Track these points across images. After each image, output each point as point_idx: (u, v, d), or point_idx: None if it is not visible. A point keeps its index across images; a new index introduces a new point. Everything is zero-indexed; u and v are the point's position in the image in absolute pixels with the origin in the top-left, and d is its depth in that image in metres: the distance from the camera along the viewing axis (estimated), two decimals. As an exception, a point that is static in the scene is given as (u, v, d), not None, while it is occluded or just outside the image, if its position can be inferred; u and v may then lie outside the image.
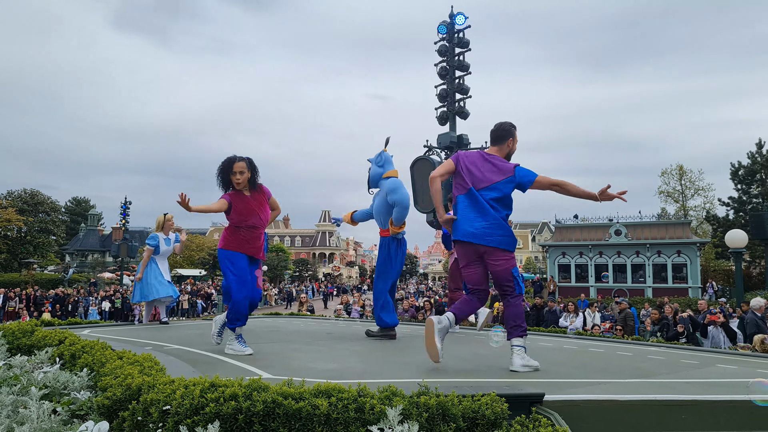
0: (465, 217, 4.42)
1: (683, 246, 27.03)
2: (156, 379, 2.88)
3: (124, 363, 3.41)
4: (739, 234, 13.25)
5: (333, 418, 2.51)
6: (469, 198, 4.44)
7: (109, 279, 38.20)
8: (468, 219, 4.40)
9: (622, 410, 3.03)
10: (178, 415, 2.51)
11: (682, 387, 3.66)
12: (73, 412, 3.14)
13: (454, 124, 14.90)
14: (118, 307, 25.52)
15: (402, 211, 6.40)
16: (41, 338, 4.91)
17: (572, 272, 29.82)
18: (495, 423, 2.62)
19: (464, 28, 14.77)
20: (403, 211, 6.40)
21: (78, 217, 66.98)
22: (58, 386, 3.56)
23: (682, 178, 42.72)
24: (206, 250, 52.04)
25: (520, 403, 2.86)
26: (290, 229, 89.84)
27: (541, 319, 14.36)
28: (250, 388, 2.64)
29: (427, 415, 2.59)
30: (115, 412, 2.80)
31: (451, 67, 14.90)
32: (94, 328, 7.56)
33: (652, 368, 4.59)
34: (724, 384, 3.96)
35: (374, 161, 6.68)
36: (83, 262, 58.12)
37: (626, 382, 3.87)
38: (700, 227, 38.95)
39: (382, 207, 6.54)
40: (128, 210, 35.63)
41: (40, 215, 46.95)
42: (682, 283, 26.91)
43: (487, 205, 4.37)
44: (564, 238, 30.58)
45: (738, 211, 34.08)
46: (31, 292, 26.24)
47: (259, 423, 2.49)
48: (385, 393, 2.70)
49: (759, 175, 34.07)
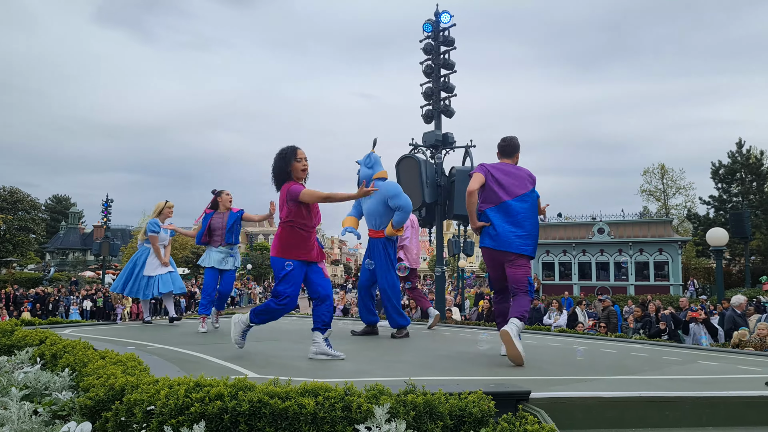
0: (501, 227, 4.70)
1: (665, 244, 27.38)
2: (140, 379, 2.84)
3: (107, 363, 3.36)
4: (720, 232, 13.44)
5: (320, 417, 2.50)
6: (501, 209, 4.73)
7: (91, 278, 37.75)
8: (504, 229, 4.69)
9: (607, 407, 3.05)
10: (162, 416, 2.47)
11: (665, 384, 3.70)
12: (54, 413, 3.09)
13: (439, 122, 14.89)
14: (99, 306, 25.22)
15: (405, 216, 6.47)
16: (21, 338, 4.83)
17: (556, 270, 30.06)
18: (482, 421, 2.62)
19: (449, 26, 14.77)
20: (405, 215, 6.47)
21: (58, 215, 66.10)
22: (39, 387, 3.50)
23: (663, 177, 43.27)
24: (189, 249, 51.62)
25: (507, 400, 2.87)
26: (275, 227, 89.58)
27: (525, 317, 14.44)
28: (235, 387, 2.62)
29: (414, 413, 2.58)
30: (97, 413, 2.76)
31: (437, 66, 14.90)
32: (75, 328, 7.46)
33: (636, 365, 4.64)
34: (706, 380, 4.02)
35: (363, 163, 6.67)
36: (64, 260, 57.35)
37: (611, 379, 3.91)
38: (681, 225, 39.48)
39: (379, 209, 6.52)
40: (110, 208, 35.23)
41: (20, 213, 46.17)
42: (663, 280, 27.26)
43: (521, 215, 4.70)
44: (548, 236, 30.80)
45: (718, 210, 34.56)
46: (10, 291, 25.82)
47: (245, 423, 2.47)
48: (372, 392, 2.69)
49: (739, 175, 34.55)
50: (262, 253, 60.02)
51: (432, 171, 12.48)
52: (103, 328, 7.53)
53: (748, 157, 34.23)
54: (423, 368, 4.27)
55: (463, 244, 23.25)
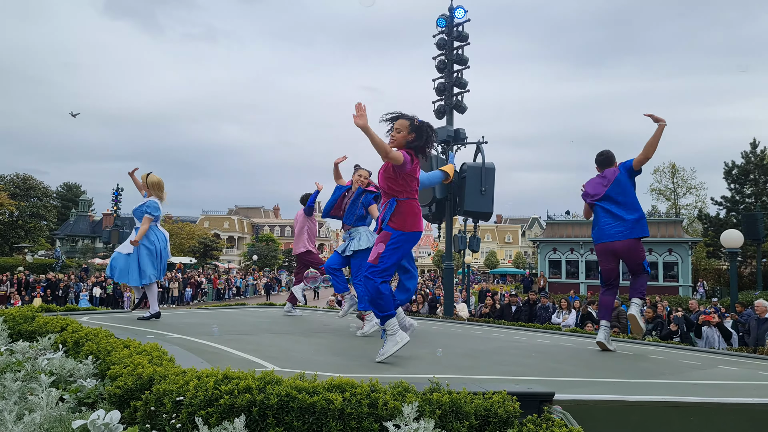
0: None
1: (675, 244, 27.24)
2: (167, 370, 2.87)
3: (132, 352, 3.39)
4: (735, 234, 13.33)
5: (347, 413, 2.51)
6: None
7: (100, 265, 37.99)
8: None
9: (631, 411, 3.04)
10: (192, 407, 2.50)
11: (688, 389, 3.69)
12: (80, 400, 3.12)
13: (451, 118, 14.84)
14: (109, 293, 25.43)
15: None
16: (42, 324, 4.88)
17: (563, 268, 29.98)
18: (507, 421, 2.62)
19: (463, 21, 14.70)
20: None
21: (69, 203, 66.52)
22: (64, 374, 3.54)
23: (674, 176, 42.99)
24: (197, 239, 51.84)
25: (531, 401, 2.87)
26: (280, 219, 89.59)
27: (533, 315, 14.42)
28: (263, 380, 2.63)
29: (440, 412, 2.59)
30: (126, 402, 2.79)
31: (450, 61, 14.84)
32: (92, 315, 7.52)
33: (655, 368, 4.62)
34: (729, 386, 4.00)
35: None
36: (73, 247, 57.78)
37: (633, 383, 3.89)
38: (691, 226, 39.23)
39: None
40: (120, 196, 35.43)
41: (32, 200, 46.53)
42: (672, 281, 27.12)
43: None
44: (555, 234, 30.71)
45: (730, 211, 34.25)
46: (22, 277, 26.07)
47: (273, 416, 2.48)
48: (397, 389, 2.70)
49: (752, 175, 34.21)
50: (267, 245, 60.25)
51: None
52: (119, 316, 7.58)
53: (762, 157, 33.88)
54: (439, 366, 4.27)
55: (469, 239, 23.19)
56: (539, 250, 31.41)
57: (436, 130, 14.68)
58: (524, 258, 77.72)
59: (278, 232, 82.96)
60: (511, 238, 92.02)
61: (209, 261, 52.96)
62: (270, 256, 58.48)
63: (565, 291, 23.29)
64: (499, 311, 14.93)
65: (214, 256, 53.91)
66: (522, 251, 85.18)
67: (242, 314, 8.40)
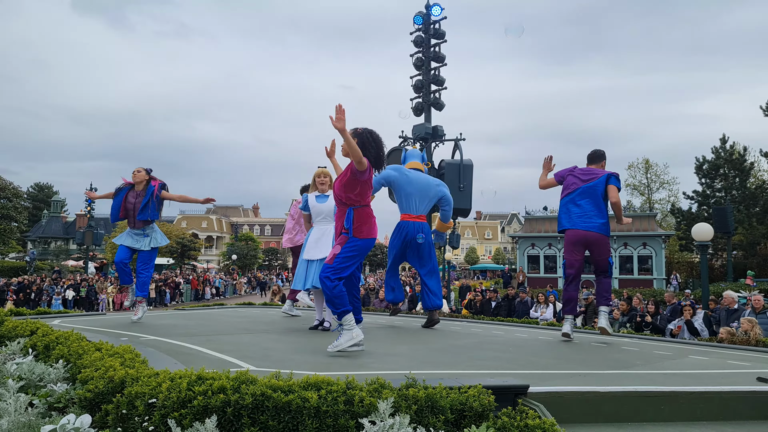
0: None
1: (649, 238, 27.72)
2: (139, 372, 2.82)
3: (104, 355, 3.33)
4: (705, 227, 13.60)
5: (323, 410, 2.50)
6: None
7: (73, 267, 37.34)
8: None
9: (604, 401, 3.09)
10: (164, 408, 2.46)
11: (659, 378, 3.76)
12: (50, 405, 3.06)
13: (429, 115, 14.91)
14: (82, 296, 25.00)
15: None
16: (11, 329, 4.77)
17: (541, 263, 30.31)
18: (482, 415, 2.64)
19: (440, 19, 14.76)
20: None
21: (41, 204, 65.24)
22: (34, 378, 3.46)
23: (648, 171, 43.77)
24: (174, 239, 51.24)
25: (506, 394, 2.90)
26: (260, 217, 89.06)
27: (512, 310, 14.55)
28: (238, 380, 2.61)
29: (416, 407, 2.59)
30: (97, 405, 2.74)
31: (427, 58, 14.90)
32: (64, 318, 7.37)
33: (629, 359, 4.71)
34: (699, 375, 4.08)
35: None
36: (46, 249, 56.69)
37: (606, 374, 3.96)
38: (664, 220, 39.96)
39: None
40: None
41: (2, 201, 45.48)
42: (647, 274, 27.61)
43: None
44: (533, 230, 31.04)
45: (702, 205, 34.98)
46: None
47: (248, 416, 2.46)
48: (373, 385, 2.70)
49: (722, 170, 34.99)
50: (247, 244, 59.79)
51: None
52: (91, 319, 7.45)
53: (731, 152, 34.66)
54: (418, 362, 4.29)
55: (449, 236, 23.31)
56: (518, 246, 31.70)
57: (414, 126, 14.56)
58: (504, 254, 78.37)
59: (258, 231, 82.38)
60: (490, 234, 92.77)
61: (187, 261, 52.40)
62: (250, 256, 58.05)
63: (543, 285, 23.52)
64: (479, 307, 15.04)
65: (192, 256, 53.34)
66: (501, 247, 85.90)
67: (220, 314, 8.32)
